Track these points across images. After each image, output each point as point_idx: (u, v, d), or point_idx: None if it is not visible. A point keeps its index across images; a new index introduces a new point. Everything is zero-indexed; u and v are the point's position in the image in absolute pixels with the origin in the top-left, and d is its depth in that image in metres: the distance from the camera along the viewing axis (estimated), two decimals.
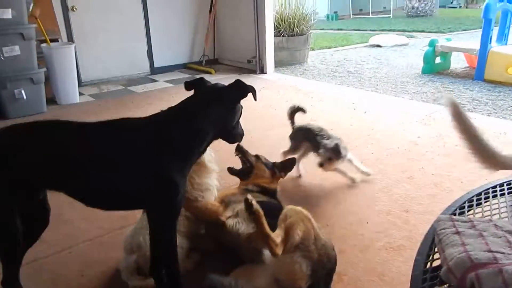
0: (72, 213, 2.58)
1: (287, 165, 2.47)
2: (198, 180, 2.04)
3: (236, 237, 1.96)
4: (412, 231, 2.32)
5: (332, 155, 2.60)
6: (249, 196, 1.67)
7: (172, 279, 1.72)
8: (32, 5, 4.75)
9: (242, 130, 1.84)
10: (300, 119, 3.21)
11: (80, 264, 2.13)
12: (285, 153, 2.98)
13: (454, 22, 13.44)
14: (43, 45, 4.99)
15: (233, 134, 1.77)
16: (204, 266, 2.03)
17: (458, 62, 6.95)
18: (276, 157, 3.34)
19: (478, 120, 4.19)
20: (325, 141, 2.64)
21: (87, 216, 2.54)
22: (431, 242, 0.95)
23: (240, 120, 1.79)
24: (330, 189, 2.86)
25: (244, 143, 2.04)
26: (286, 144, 3.61)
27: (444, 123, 4.10)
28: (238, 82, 1.67)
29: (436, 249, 0.90)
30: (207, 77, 1.83)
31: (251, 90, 1.68)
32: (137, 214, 2.46)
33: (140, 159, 1.50)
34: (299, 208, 1.82)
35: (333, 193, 2.82)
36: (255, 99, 1.73)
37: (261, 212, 1.65)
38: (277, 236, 1.65)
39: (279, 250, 1.63)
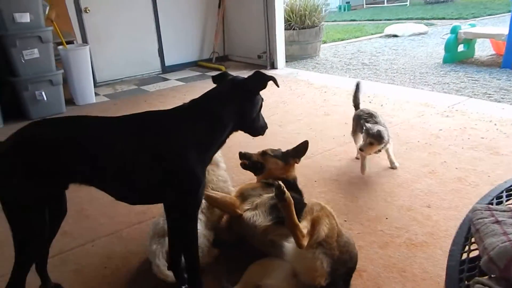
0: (92, 209, 2.67)
1: (300, 149, 2.39)
2: (218, 172, 2.19)
3: (253, 229, 1.97)
4: (434, 227, 2.26)
5: (372, 140, 2.58)
6: (281, 183, 1.66)
7: (192, 273, 1.74)
8: (48, 8, 4.86)
9: (265, 123, 1.87)
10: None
11: (103, 257, 2.19)
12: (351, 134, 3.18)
13: (477, 7, 12.84)
14: (60, 47, 5.11)
15: (254, 127, 1.80)
16: (223, 260, 2.05)
17: (483, 50, 6.70)
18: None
19: (507, 111, 4.01)
20: (369, 125, 2.65)
21: (107, 212, 2.61)
22: (467, 232, 0.90)
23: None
24: (347, 184, 2.81)
25: (257, 139, 2.01)
26: (300, 139, 3.57)
27: (468, 114, 3.96)
28: (257, 73, 1.70)
29: (473, 239, 0.85)
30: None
31: (271, 78, 1.71)
32: (154, 210, 2.50)
33: (163, 150, 1.53)
34: (323, 203, 1.81)
35: (350, 188, 2.78)
36: (278, 86, 1.77)
37: (292, 200, 1.65)
38: (304, 227, 1.65)
39: (305, 242, 1.62)
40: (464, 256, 0.85)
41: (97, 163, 1.51)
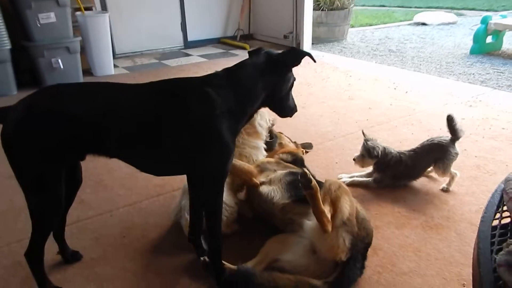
0: (111, 180, 2.69)
1: (306, 145, 2.88)
2: (247, 136, 2.22)
3: (271, 206, 1.98)
4: (450, 211, 2.28)
5: (364, 153, 2.52)
6: (306, 170, 1.67)
7: (213, 245, 1.72)
8: None
9: (295, 105, 1.85)
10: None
11: (121, 227, 2.21)
12: None
13: (508, 0, 12.35)
14: (78, 13, 4.96)
15: (283, 105, 1.78)
16: (241, 236, 2.08)
17: (511, 43, 6.57)
18: (312, 135, 3.32)
19: None
20: (367, 143, 2.53)
21: (125, 183, 2.63)
22: (499, 201, 0.92)
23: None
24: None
25: (279, 120, 2.03)
26: (323, 122, 3.59)
27: (491, 105, 3.94)
28: (293, 48, 1.69)
29: (505, 208, 0.87)
30: (241, 52, 1.83)
31: (307, 54, 1.69)
32: (173, 183, 2.55)
33: (193, 117, 1.47)
34: (339, 181, 1.81)
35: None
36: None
37: (318, 188, 1.65)
38: (328, 212, 1.65)
39: (330, 227, 1.63)
40: (495, 223, 0.87)
41: (120, 132, 1.46)
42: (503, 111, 3.78)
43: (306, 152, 2.85)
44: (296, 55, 1.67)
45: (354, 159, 2.56)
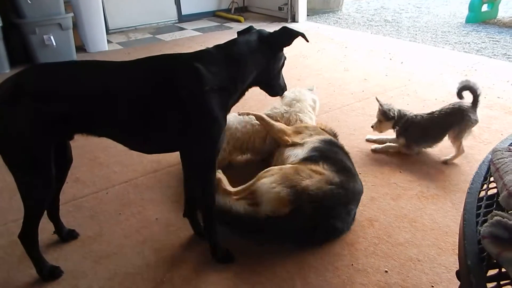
0: (106, 157, 2.67)
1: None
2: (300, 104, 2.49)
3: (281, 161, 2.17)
4: (446, 181, 2.29)
5: (381, 117, 2.55)
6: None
7: (208, 220, 1.74)
8: None
9: (285, 84, 1.84)
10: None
11: (117, 204, 2.21)
12: None
13: None
14: None
15: (273, 84, 1.77)
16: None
17: (506, 11, 6.48)
18: None
19: None
20: (382, 106, 2.56)
21: (121, 160, 2.62)
22: (486, 172, 0.91)
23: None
24: (363, 139, 2.80)
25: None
26: (318, 94, 3.54)
27: (487, 74, 3.91)
28: (284, 28, 1.67)
29: (492, 179, 0.86)
30: (236, 25, 1.79)
31: (300, 34, 1.68)
32: (169, 159, 2.54)
33: (186, 94, 1.46)
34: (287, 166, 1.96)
35: (366, 143, 2.77)
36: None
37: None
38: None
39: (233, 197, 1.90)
40: (482, 194, 0.86)
41: (108, 110, 1.43)
42: (499, 80, 3.75)
43: None
44: (288, 35, 1.66)
45: (372, 127, 2.61)
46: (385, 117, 2.52)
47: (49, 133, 1.41)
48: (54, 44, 4.59)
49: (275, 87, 1.79)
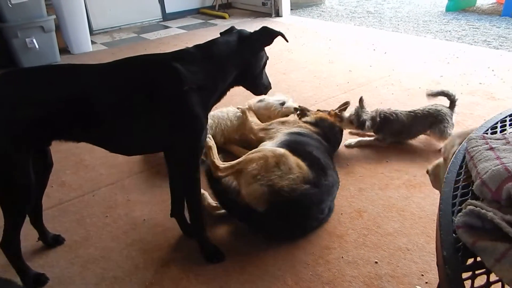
0: (92, 159, 2.64)
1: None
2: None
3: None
4: None
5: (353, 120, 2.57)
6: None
7: (194, 219, 1.73)
8: None
9: (269, 83, 1.84)
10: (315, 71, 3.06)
11: (104, 206, 2.18)
12: None
13: None
14: None
15: (256, 83, 1.78)
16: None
17: None
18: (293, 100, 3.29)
19: (505, 58, 4.03)
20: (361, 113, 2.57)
21: (107, 161, 2.59)
22: (462, 161, 0.92)
23: None
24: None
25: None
26: (304, 88, 3.56)
27: (468, 61, 3.96)
28: (264, 28, 1.67)
29: (467, 168, 0.87)
30: (220, 21, 1.78)
31: (280, 34, 1.69)
32: (157, 158, 2.51)
33: (165, 94, 1.45)
34: (270, 148, 2.00)
35: (352, 135, 2.78)
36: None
37: (212, 145, 1.99)
38: (225, 163, 1.93)
39: (220, 173, 1.89)
40: (459, 183, 0.86)
41: (86, 114, 1.41)
42: (480, 66, 3.81)
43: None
44: (268, 34, 1.66)
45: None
46: (358, 127, 2.57)
47: (24, 140, 1.38)
48: (37, 47, 4.54)
49: (258, 86, 1.80)
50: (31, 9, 4.40)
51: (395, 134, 2.55)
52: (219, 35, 1.71)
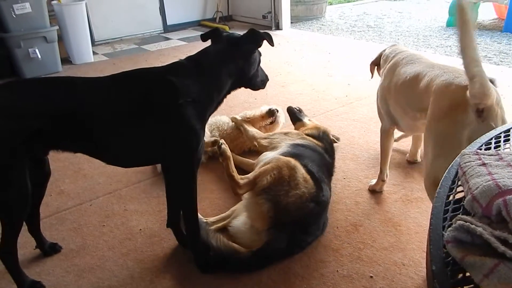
0: (90, 169, 2.65)
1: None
2: None
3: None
4: None
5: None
6: (220, 140, 1.92)
7: (191, 230, 1.74)
8: None
9: (266, 75, 1.86)
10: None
11: (101, 215, 2.19)
12: None
13: None
14: (54, 2, 4.90)
15: (253, 82, 1.79)
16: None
17: (485, 14, 6.63)
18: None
19: (505, 73, 4.04)
20: None
21: (105, 171, 2.59)
22: (454, 176, 0.93)
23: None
24: (348, 144, 2.82)
25: (260, 99, 2.02)
26: (302, 100, 3.58)
27: None
28: (252, 31, 1.67)
29: (459, 182, 0.88)
30: None
31: (266, 36, 1.67)
32: (153, 170, 2.52)
33: (160, 108, 1.47)
34: (286, 158, 1.93)
35: (350, 148, 2.79)
36: (272, 44, 1.73)
37: (230, 156, 1.86)
38: (244, 178, 1.81)
39: (240, 191, 1.79)
40: (451, 198, 0.87)
41: (81, 127, 1.43)
42: None
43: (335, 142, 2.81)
44: (255, 37, 1.66)
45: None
46: None
47: (21, 150, 1.39)
48: (40, 57, 4.59)
49: (256, 84, 1.81)
50: (35, 20, 4.46)
51: None
52: (200, 37, 1.73)
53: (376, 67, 2.38)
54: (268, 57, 4.71)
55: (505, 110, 1.53)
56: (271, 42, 1.71)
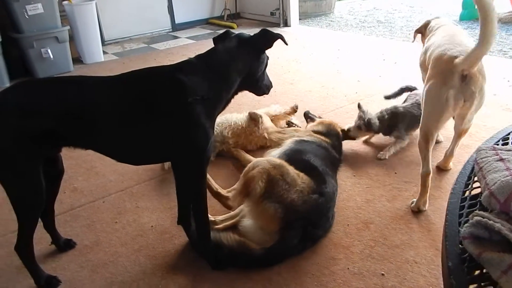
0: (103, 166, 2.68)
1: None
2: None
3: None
4: (442, 181, 2.28)
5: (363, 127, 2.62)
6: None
7: (200, 228, 1.75)
8: None
9: (270, 82, 1.85)
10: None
11: (113, 212, 2.21)
12: None
13: None
14: (65, 2, 4.97)
15: (259, 86, 1.78)
16: None
17: (501, 7, 6.51)
18: (300, 111, 3.32)
19: None
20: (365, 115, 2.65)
21: (117, 169, 2.62)
22: (470, 171, 0.92)
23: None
24: (355, 141, 2.80)
25: (268, 97, 2.02)
26: (311, 98, 3.56)
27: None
28: (264, 31, 1.67)
29: (475, 178, 0.87)
30: None
31: (279, 36, 1.67)
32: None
33: (169, 106, 1.48)
34: (266, 158, 1.98)
35: (361, 145, 2.78)
36: (286, 44, 1.75)
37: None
38: (230, 190, 1.93)
39: (232, 203, 1.86)
40: (467, 194, 0.86)
41: (92, 124, 1.45)
42: (494, 76, 3.73)
43: None
44: (268, 37, 1.66)
45: (348, 130, 2.66)
46: (368, 128, 2.60)
47: (34, 148, 1.42)
48: (52, 57, 4.66)
49: (261, 88, 1.81)
50: (47, 20, 4.54)
51: (410, 126, 2.61)
52: (212, 40, 1.73)
53: (419, 34, 2.76)
54: (277, 54, 4.69)
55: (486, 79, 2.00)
56: (285, 41, 1.72)
